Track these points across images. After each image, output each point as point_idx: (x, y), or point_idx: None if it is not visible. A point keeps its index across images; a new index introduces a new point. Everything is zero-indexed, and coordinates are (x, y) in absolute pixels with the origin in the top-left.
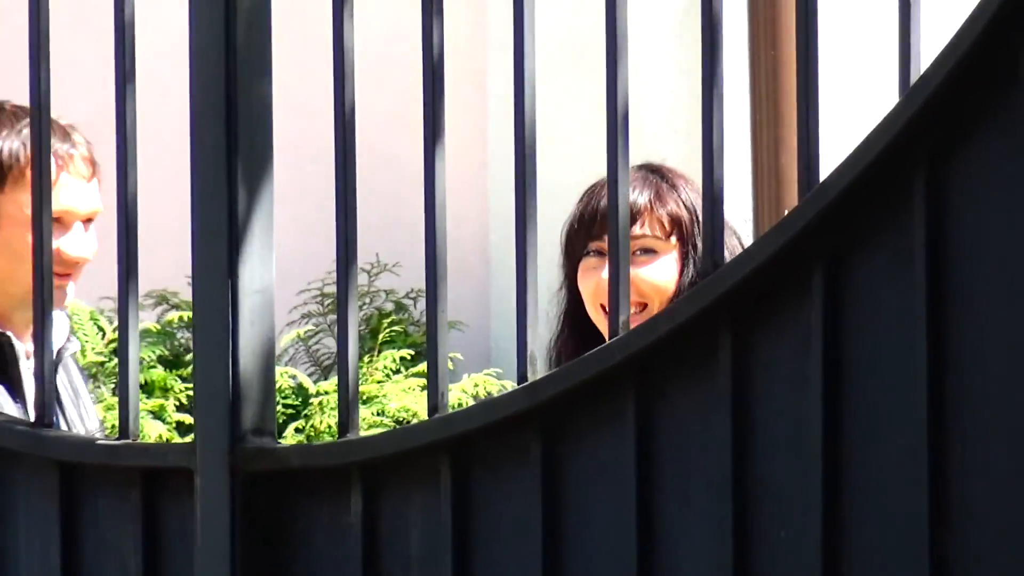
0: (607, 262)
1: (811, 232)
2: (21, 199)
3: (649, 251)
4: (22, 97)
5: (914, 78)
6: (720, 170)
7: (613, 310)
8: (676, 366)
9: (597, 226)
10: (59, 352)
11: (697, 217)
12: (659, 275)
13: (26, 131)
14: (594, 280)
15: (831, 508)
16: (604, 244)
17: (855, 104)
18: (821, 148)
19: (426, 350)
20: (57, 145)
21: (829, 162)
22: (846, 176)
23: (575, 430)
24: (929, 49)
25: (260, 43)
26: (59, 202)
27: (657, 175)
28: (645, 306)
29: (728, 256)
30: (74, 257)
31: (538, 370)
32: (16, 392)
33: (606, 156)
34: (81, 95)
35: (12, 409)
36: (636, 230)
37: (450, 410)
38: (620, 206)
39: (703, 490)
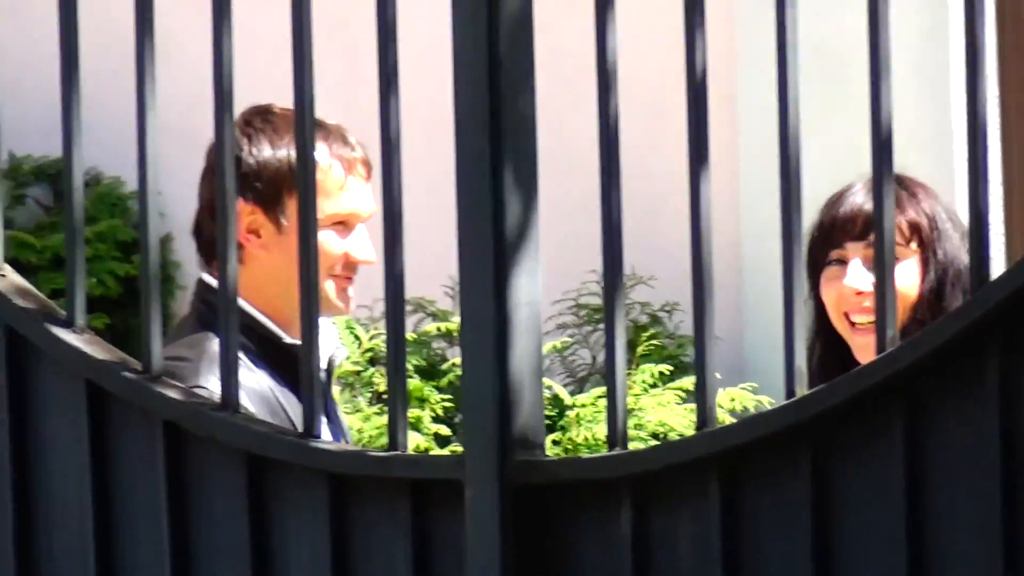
0: (846, 271)
1: None
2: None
3: (901, 255)
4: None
5: None
6: (986, 184)
7: (880, 325)
8: (942, 382)
9: (836, 234)
10: (330, 360)
11: (937, 225)
12: (901, 281)
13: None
14: (836, 289)
15: None
16: (845, 252)
17: None
18: None
19: (694, 364)
20: (340, 150)
21: None
22: None
23: (843, 445)
24: None
25: (523, 54)
26: (344, 205)
27: (897, 184)
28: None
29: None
30: (361, 260)
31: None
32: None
33: (871, 168)
34: (329, 101)
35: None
36: (902, 245)
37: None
38: (886, 220)
39: (972, 506)
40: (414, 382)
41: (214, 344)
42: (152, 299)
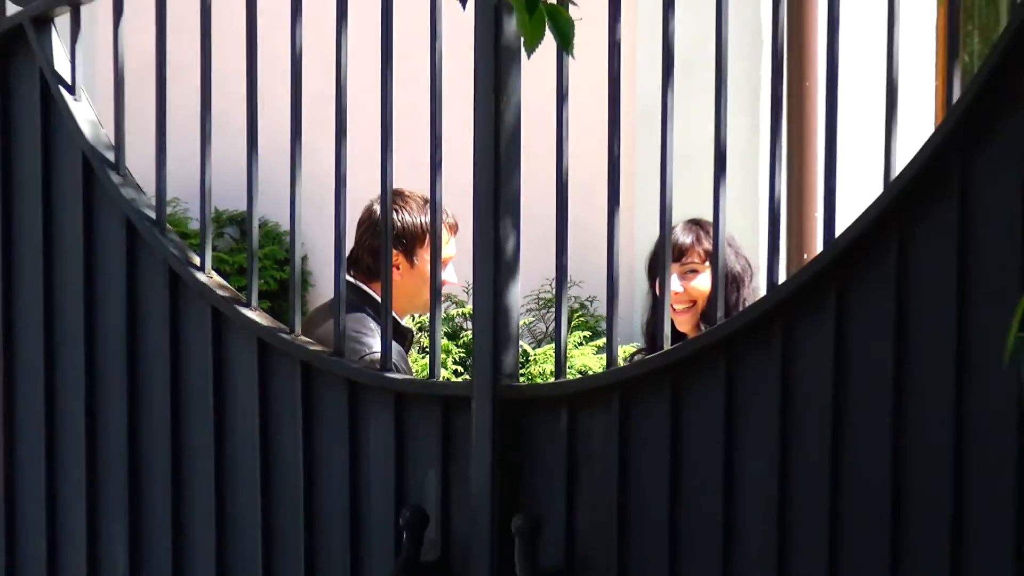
0: (678, 279)
1: (827, 272)
2: (425, 254)
3: (694, 271)
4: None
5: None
6: (778, 208)
7: (712, 312)
8: (747, 346)
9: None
10: (412, 333)
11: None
12: (701, 285)
13: (426, 211)
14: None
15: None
16: (672, 268)
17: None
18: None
19: (605, 331)
20: (445, 218)
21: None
22: (847, 236)
23: (689, 381)
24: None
25: (514, 151)
26: (446, 252)
27: (697, 225)
28: (694, 303)
29: (745, 280)
30: (451, 282)
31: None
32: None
33: (713, 187)
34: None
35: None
36: (689, 261)
37: (622, 361)
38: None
39: (762, 432)
40: (443, 341)
41: (369, 321)
42: (296, 293)
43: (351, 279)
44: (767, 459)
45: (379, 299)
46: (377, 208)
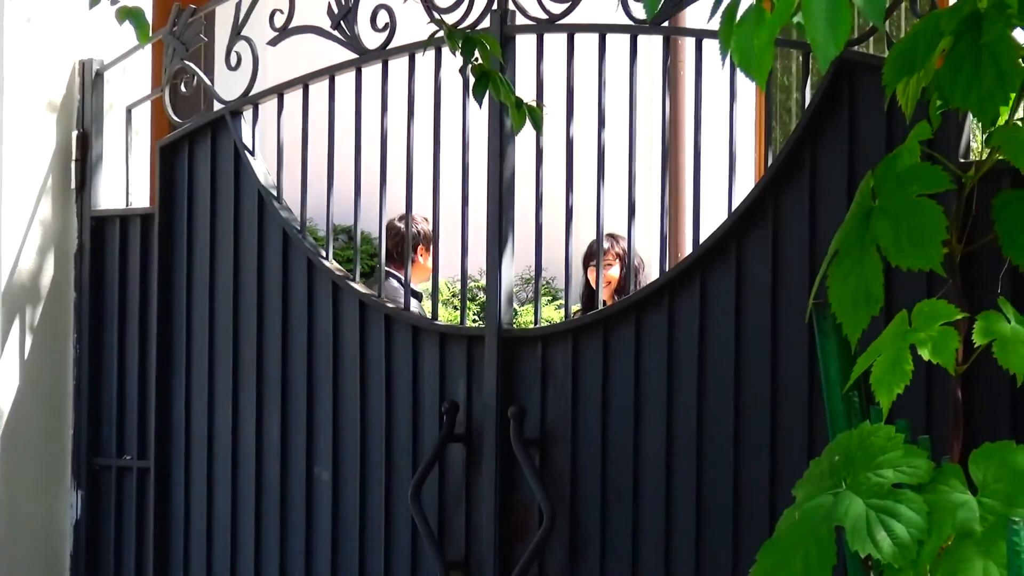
0: (599, 269)
1: (694, 265)
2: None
3: (609, 264)
4: None
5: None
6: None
7: (625, 288)
8: (646, 313)
9: (587, 258)
10: (420, 296)
11: (624, 253)
12: (613, 273)
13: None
14: (592, 275)
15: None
16: (592, 266)
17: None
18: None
19: (564, 297)
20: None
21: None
22: (707, 243)
23: (613, 332)
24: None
25: (509, 194)
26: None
27: (612, 236)
28: (609, 284)
29: (640, 270)
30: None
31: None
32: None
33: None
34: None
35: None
36: (607, 258)
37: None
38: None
39: (658, 350)
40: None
41: (399, 287)
42: (380, 274)
43: (385, 267)
44: (660, 379)
45: (401, 277)
46: (397, 224)
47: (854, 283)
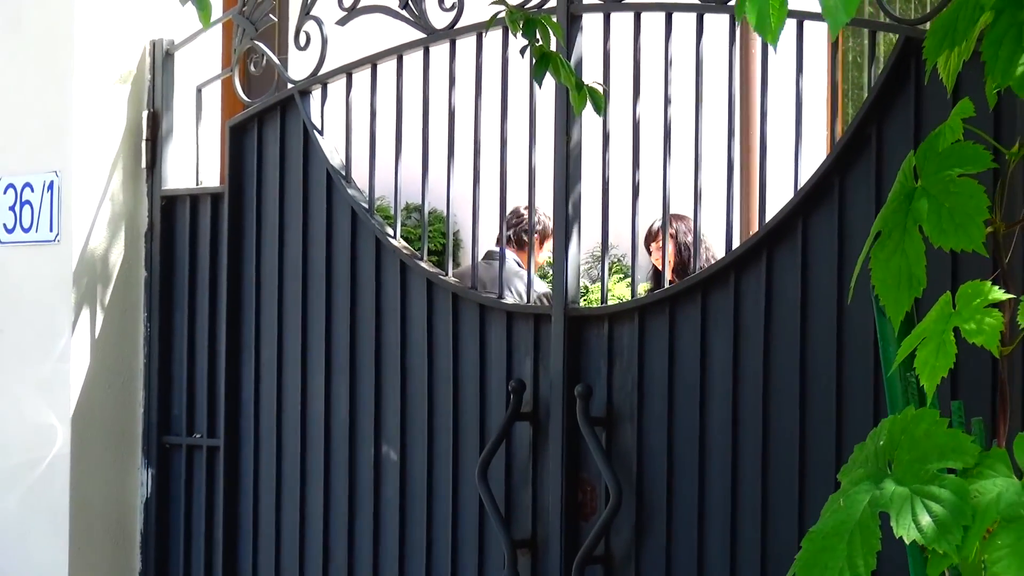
0: (666, 249)
1: (761, 243)
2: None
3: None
4: None
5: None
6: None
7: (692, 266)
8: (713, 291)
9: (649, 238)
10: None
11: (680, 234)
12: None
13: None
14: (656, 256)
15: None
16: (656, 245)
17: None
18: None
19: (630, 275)
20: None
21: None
22: (773, 222)
23: (679, 309)
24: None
25: (576, 171)
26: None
27: (677, 217)
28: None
29: (705, 252)
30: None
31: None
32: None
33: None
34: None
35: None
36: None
37: (640, 294)
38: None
39: (723, 328)
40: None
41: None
42: (448, 253)
43: (508, 250)
44: (726, 356)
45: (519, 259)
46: (523, 211)
47: (896, 265)
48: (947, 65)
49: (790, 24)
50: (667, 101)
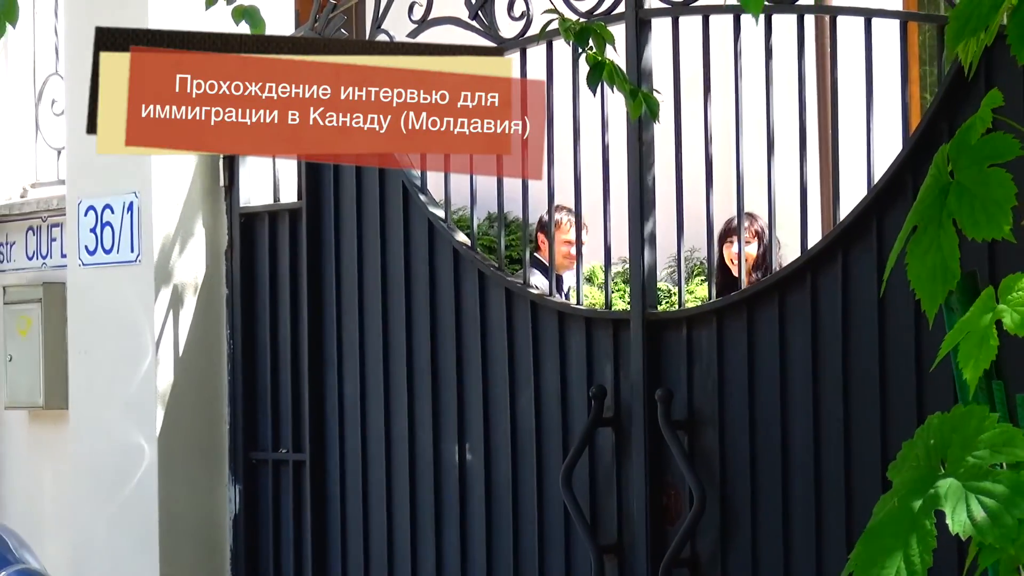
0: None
1: (836, 242)
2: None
3: (750, 243)
4: None
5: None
6: (805, 204)
7: (768, 265)
8: (790, 290)
9: (723, 235)
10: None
11: (762, 232)
12: (750, 251)
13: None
14: (729, 253)
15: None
16: (730, 243)
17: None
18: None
19: (706, 276)
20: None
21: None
22: (847, 220)
23: (755, 310)
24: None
25: (648, 167)
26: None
27: (749, 216)
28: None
29: (778, 248)
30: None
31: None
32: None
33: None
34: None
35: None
36: (745, 236)
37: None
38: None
39: (802, 328)
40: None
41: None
42: (526, 263)
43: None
44: (805, 356)
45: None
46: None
47: (932, 259)
48: (966, 50)
49: (859, 21)
50: (737, 102)
